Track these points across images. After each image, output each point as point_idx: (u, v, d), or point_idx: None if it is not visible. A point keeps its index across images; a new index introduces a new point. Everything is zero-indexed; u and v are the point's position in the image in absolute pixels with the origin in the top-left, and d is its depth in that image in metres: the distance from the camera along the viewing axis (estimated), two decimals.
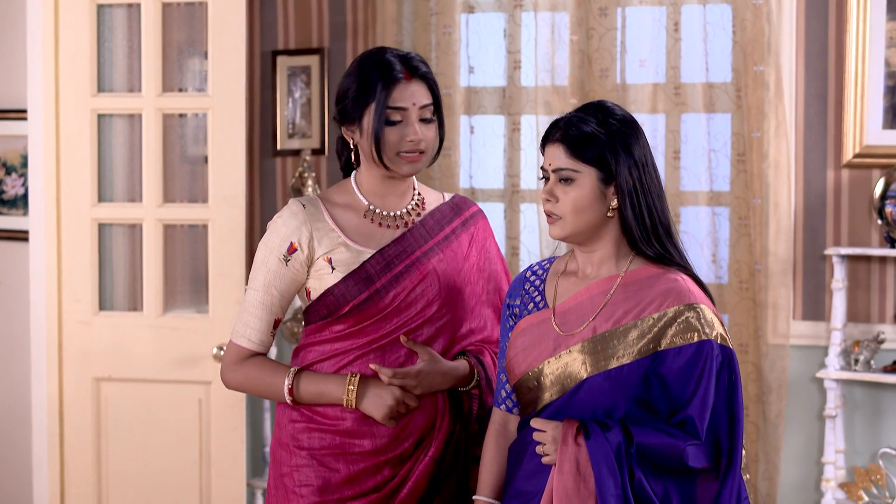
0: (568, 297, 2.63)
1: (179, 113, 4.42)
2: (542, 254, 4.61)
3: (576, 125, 2.58)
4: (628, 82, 4.53)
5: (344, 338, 2.83)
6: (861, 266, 4.33)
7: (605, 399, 2.52)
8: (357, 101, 2.79)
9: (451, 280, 2.86)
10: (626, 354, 2.52)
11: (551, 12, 4.60)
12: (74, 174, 4.36)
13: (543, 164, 2.63)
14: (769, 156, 4.34)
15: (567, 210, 2.57)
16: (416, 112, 2.78)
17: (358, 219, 2.85)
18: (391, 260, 2.81)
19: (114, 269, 4.46)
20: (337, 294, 2.80)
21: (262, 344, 2.89)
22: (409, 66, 2.81)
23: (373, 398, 2.78)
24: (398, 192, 2.87)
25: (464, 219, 2.94)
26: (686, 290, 2.56)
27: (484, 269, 2.94)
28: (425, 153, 2.80)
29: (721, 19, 4.48)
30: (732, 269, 4.46)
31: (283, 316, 2.90)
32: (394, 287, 2.80)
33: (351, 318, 2.80)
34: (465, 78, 4.72)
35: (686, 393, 2.50)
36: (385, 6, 4.72)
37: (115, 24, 4.41)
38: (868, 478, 4.26)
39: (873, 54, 4.26)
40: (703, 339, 2.52)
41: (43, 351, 4.42)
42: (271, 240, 2.85)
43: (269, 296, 2.85)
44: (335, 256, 2.80)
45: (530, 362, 2.60)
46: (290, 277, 2.84)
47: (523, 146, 4.68)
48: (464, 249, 2.90)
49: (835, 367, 4.23)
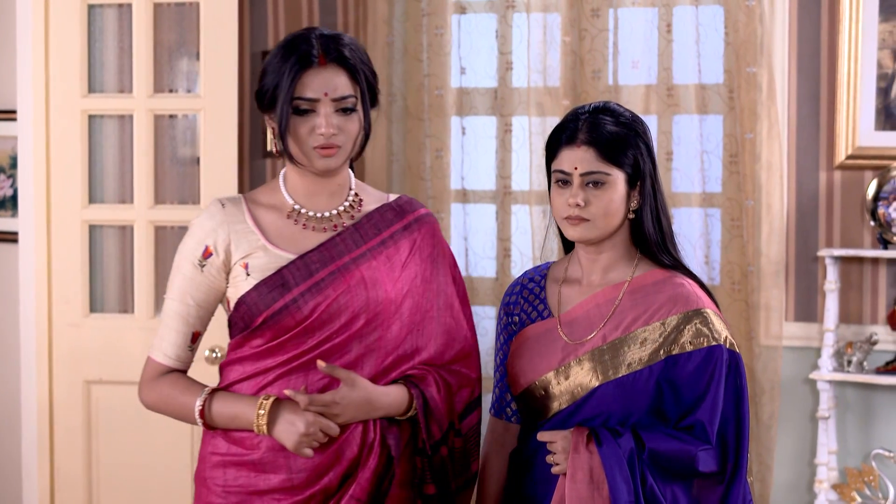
0: (574, 305, 2.61)
1: (170, 114, 4.40)
2: (535, 255, 4.60)
3: (601, 127, 2.54)
4: (620, 83, 4.53)
5: (263, 355, 2.52)
6: (853, 267, 4.34)
7: (616, 407, 2.51)
8: (270, 86, 2.51)
9: (383, 291, 2.53)
10: (637, 361, 2.52)
11: (543, 13, 4.59)
12: (65, 175, 4.33)
13: (563, 168, 2.55)
14: (762, 157, 4.34)
15: (599, 213, 2.54)
16: (330, 104, 2.48)
17: (282, 220, 2.57)
18: (313, 266, 2.51)
19: (104, 271, 4.44)
20: (249, 303, 2.51)
21: (178, 359, 2.59)
22: (325, 48, 2.49)
23: (284, 424, 2.46)
24: (328, 191, 2.58)
25: (406, 222, 2.62)
26: (694, 296, 2.56)
27: (430, 280, 2.61)
28: (343, 147, 2.51)
29: (713, 21, 4.47)
30: (725, 271, 4.45)
31: (202, 329, 2.61)
32: (314, 296, 2.49)
33: (267, 331, 2.50)
34: (457, 79, 4.71)
35: (696, 397, 2.50)
36: (376, 7, 4.70)
37: (106, 24, 4.39)
38: (861, 479, 4.26)
39: (865, 56, 4.27)
40: (713, 344, 2.52)
41: (33, 353, 4.39)
42: (186, 244, 2.58)
43: (184, 305, 2.57)
44: (252, 261, 2.52)
45: (538, 372, 2.58)
46: (206, 285, 2.56)
47: (515, 147, 4.67)
48: (402, 256, 2.58)
49: (828, 369, 4.23)
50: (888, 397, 4.32)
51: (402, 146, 4.71)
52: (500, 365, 2.71)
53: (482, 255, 4.73)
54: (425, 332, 2.59)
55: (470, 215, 4.73)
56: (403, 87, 4.70)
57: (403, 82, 4.70)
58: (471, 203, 4.73)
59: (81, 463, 4.36)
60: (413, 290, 2.58)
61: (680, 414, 2.51)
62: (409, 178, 4.71)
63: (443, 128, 4.68)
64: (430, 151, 4.68)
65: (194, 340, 2.60)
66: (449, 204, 4.70)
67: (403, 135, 4.71)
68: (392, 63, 4.70)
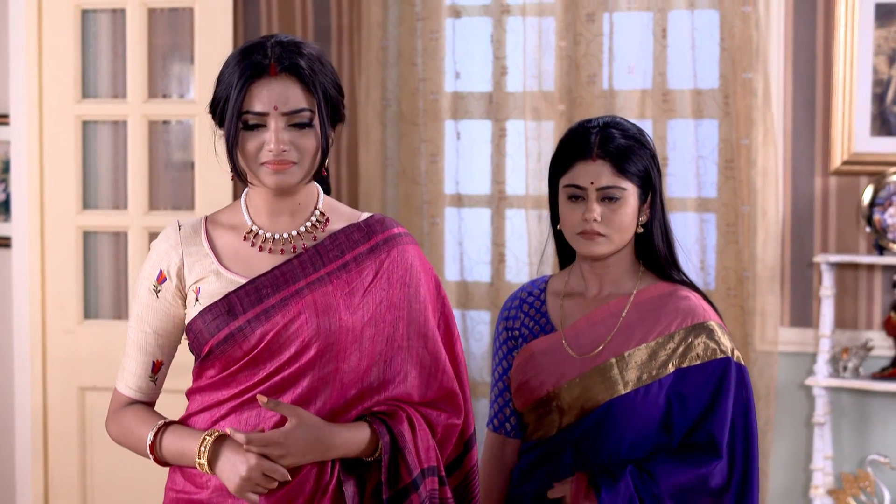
0: (578, 319, 2.60)
1: (161, 120, 4.38)
2: (531, 260, 4.59)
3: (614, 141, 2.53)
4: (616, 88, 4.52)
5: (217, 386, 2.33)
6: (849, 273, 4.34)
7: (626, 421, 2.51)
8: (220, 98, 2.31)
9: (337, 318, 2.29)
10: (647, 375, 2.51)
11: (538, 17, 4.58)
12: (58, 181, 4.32)
13: (578, 182, 2.53)
14: (757, 163, 4.34)
15: (614, 229, 2.53)
16: (281, 118, 2.26)
17: (239, 242, 2.37)
18: (263, 291, 2.30)
19: (98, 277, 4.42)
20: (196, 331, 2.33)
21: (140, 391, 2.41)
22: (279, 56, 2.27)
23: (226, 464, 2.24)
24: (288, 211, 2.36)
25: (373, 243, 2.37)
26: (700, 308, 2.56)
27: (399, 307, 2.34)
28: (298, 164, 2.29)
29: (709, 26, 4.47)
30: (720, 276, 4.46)
31: (165, 358, 2.42)
32: (261, 324, 2.28)
33: (216, 361, 2.31)
34: (452, 83, 4.70)
35: (705, 410, 2.50)
36: (370, 11, 4.69)
37: (100, 29, 4.37)
38: (857, 484, 4.27)
39: (861, 62, 4.27)
40: (721, 356, 2.52)
41: (26, 359, 4.37)
42: (143, 268, 2.40)
43: (142, 333, 2.39)
44: (203, 286, 2.34)
45: (547, 387, 2.57)
46: (162, 311, 2.38)
47: (510, 152, 4.66)
48: (366, 281, 2.33)
49: (824, 375, 4.24)
50: (883, 403, 4.32)
51: (396, 150, 4.70)
52: (499, 379, 2.69)
53: (477, 260, 4.73)
54: (393, 363, 2.33)
55: (465, 220, 4.72)
56: (398, 91, 4.69)
57: (398, 86, 4.69)
58: (465, 207, 4.72)
59: (75, 470, 4.34)
60: (377, 317, 2.32)
61: (688, 427, 2.51)
62: (403, 183, 4.70)
63: (437, 132, 4.67)
64: (425, 156, 4.67)
65: (156, 370, 2.41)
66: (443, 208, 4.69)
67: (398, 139, 4.70)
68: (386, 67, 4.68)
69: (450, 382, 2.38)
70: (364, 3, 4.68)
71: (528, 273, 4.61)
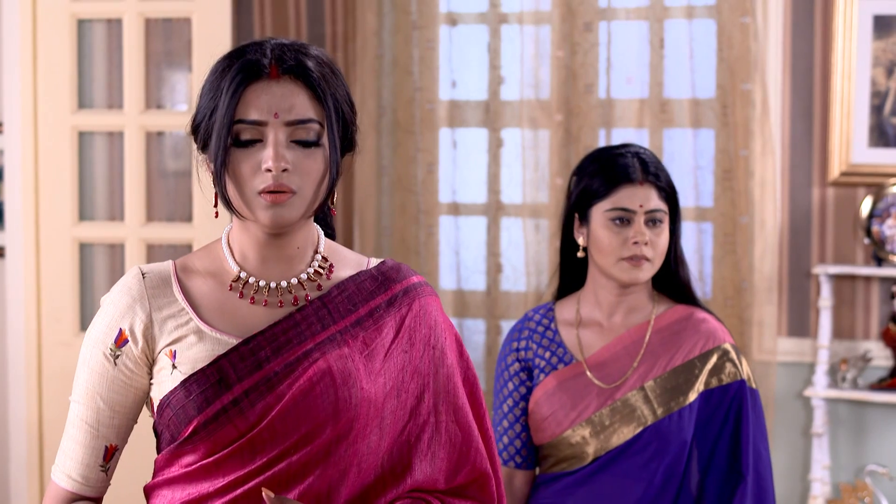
0: (600, 349, 2.60)
1: (158, 131, 4.34)
2: (527, 270, 4.58)
3: (650, 164, 2.57)
4: (613, 97, 4.52)
5: (196, 477, 1.85)
6: (846, 284, 4.36)
7: (661, 448, 2.52)
8: (205, 111, 1.84)
9: (358, 388, 1.84)
10: (676, 402, 2.53)
11: (535, 26, 4.57)
12: (54, 192, 4.27)
13: (626, 205, 2.54)
14: (755, 174, 4.35)
15: (658, 253, 2.57)
16: (283, 129, 1.81)
17: (222, 292, 1.89)
18: (262, 354, 1.84)
19: (94, 289, 4.38)
20: (176, 406, 1.84)
21: (87, 482, 1.90)
22: (280, 57, 1.83)
23: None
24: (285, 255, 1.90)
25: (391, 295, 1.93)
26: (720, 331, 2.61)
27: (424, 372, 1.92)
28: (299, 193, 1.82)
29: (706, 35, 4.47)
30: (718, 286, 4.47)
31: (119, 441, 1.93)
32: (262, 396, 1.82)
33: (201, 444, 1.83)
34: (448, 92, 4.68)
35: (728, 432, 2.53)
36: (365, 19, 4.66)
37: (95, 39, 4.32)
38: (855, 494, 4.29)
39: (859, 73, 4.29)
40: (739, 378, 2.56)
41: (21, 372, 4.33)
42: (95, 326, 1.91)
43: (92, 410, 1.89)
44: (180, 348, 1.85)
45: (573, 419, 2.57)
46: (121, 382, 1.89)
47: (507, 161, 4.65)
48: (386, 341, 1.89)
49: (822, 385, 4.26)
50: (881, 413, 4.35)
51: (391, 159, 4.68)
52: (510, 411, 2.65)
53: (473, 269, 4.72)
54: (419, 443, 1.91)
55: (461, 229, 4.71)
56: (393, 100, 4.67)
57: (393, 95, 4.67)
58: (462, 216, 4.71)
59: None
60: (399, 385, 1.89)
61: (710, 448, 2.53)
62: (399, 192, 4.68)
63: (433, 141, 4.66)
64: (421, 165, 4.66)
65: (108, 457, 1.91)
66: (439, 217, 4.68)
67: (394, 148, 4.68)
68: (382, 76, 4.66)
69: (482, 463, 1.95)
70: (359, 12, 4.65)
71: (524, 283, 4.60)
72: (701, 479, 2.52)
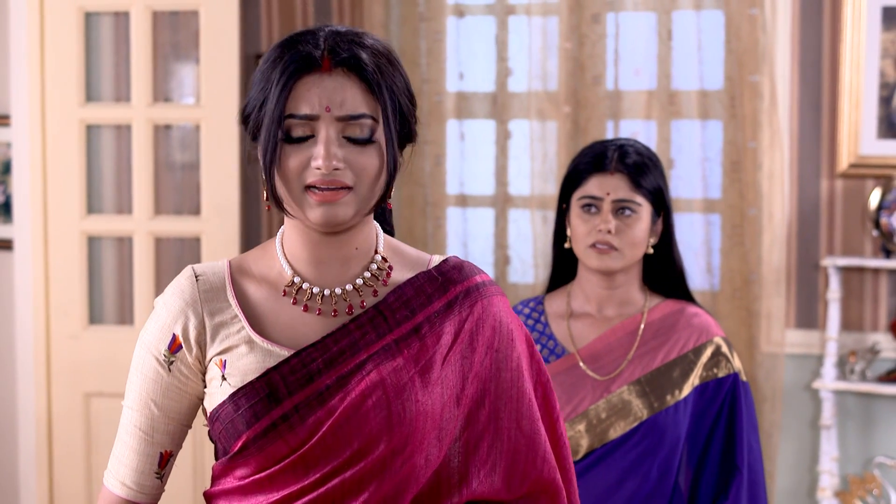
0: (592, 340, 2.62)
1: (166, 124, 4.34)
2: (535, 262, 4.58)
3: (631, 157, 2.57)
4: (621, 89, 4.51)
5: (250, 490, 1.80)
6: (854, 276, 4.36)
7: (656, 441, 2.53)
8: (255, 103, 1.78)
9: (413, 401, 1.76)
10: (671, 395, 2.55)
11: (543, 17, 4.56)
12: (62, 185, 4.27)
13: (593, 193, 2.56)
14: (764, 166, 4.34)
15: (627, 243, 2.56)
16: (334, 125, 1.73)
17: (275, 298, 1.81)
18: (313, 366, 1.76)
19: (103, 283, 4.38)
20: (225, 420, 1.78)
21: (142, 490, 1.87)
22: (333, 48, 1.74)
23: None
24: (341, 256, 1.80)
25: (450, 297, 1.83)
26: (713, 325, 2.62)
27: (485, 377, 1.82)
28: (355, 190, 1.74)
29: (714, 27, 4.46)
30: (726, 278, 4.46)
31: (175, 447, 1.88)
32: (313, 411, 1.75)
33: (251, 459, 1.77)
34: (455, 83, 4.67)
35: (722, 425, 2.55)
36: (372, 11, 4.65)
37: (103, 32, 4.32)
38: (863, 486, 4.30)
39: (868, 65, 4.28)
40: (731, 372, 2.58)
41: (30, 365, 4.34)
42: (148, 330, 1.85)
43: (146, 417, 1.84)
44: (230, 359, 1.79)
45: (568, 413, 2.58)
46: (176, 389, 1.83)
47: (515, 153, 4.65)
48: (444, 348, 1.80)
49: (831, 378, 4.26)
50: (889, 405, 4.35)
51: None
52: None
53: (481, 261, 4.71)
54: (478, 452, 1.82)
55: (469, 221, 4.71)
56: None
57: None
58: (470, 208, 4.71)
59: (81, 477, 4.31)
60: (458, 393, 1.80)
61: (704, 442, 2.55)
62: (407, 184, 4.68)
63: (441, 133, 4.65)
64: (429, 157, 4.65)
65: (163, 464, 1.87)
66: (447, 209, 4.68)
67: None
68: None
69: (551, 473, 1.85)
70: (366, 3, 4.65)
71: (532, 274, 4.60)
72: (695, 472, 2.54)
